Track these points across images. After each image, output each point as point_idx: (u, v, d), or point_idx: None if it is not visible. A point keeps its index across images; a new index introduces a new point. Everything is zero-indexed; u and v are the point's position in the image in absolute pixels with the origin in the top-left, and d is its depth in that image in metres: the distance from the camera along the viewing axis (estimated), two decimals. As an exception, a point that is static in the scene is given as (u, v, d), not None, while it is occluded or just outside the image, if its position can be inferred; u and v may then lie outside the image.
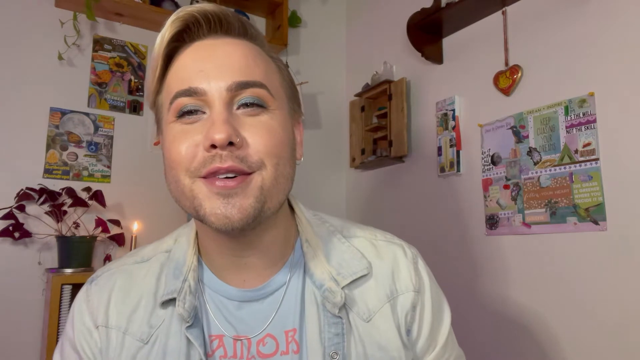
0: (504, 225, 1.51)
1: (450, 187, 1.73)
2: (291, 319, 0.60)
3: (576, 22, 1.36)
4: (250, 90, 0.54)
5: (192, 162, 0.52)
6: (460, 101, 1.71)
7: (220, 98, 0.53)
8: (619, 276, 1.22)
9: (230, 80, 0.53)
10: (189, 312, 0.57)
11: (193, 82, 0.53)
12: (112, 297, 0.61)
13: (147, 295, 0.61)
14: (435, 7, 1.68)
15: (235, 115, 0.53)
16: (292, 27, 2.24)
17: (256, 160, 0.52)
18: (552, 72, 1.41)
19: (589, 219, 1.28)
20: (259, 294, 0.60)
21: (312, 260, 0.62)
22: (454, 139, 1.69)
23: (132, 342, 0.58)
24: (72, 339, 0.62)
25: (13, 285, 1.57)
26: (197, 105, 0.53)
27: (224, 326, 0.59)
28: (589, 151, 1.29)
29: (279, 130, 0.55)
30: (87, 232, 1.64)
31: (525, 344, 1.41)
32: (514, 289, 1.46)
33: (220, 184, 0.51)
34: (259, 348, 0.58)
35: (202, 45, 0.56)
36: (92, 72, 1.81)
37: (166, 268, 0.62)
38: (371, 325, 0.60)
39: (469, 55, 1.69)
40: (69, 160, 1.72)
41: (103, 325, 0.60)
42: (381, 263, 0.64)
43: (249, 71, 0.54)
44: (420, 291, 0.64)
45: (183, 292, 0.58)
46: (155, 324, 0.59)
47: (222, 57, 0.55)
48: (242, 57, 0.55)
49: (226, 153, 0.51)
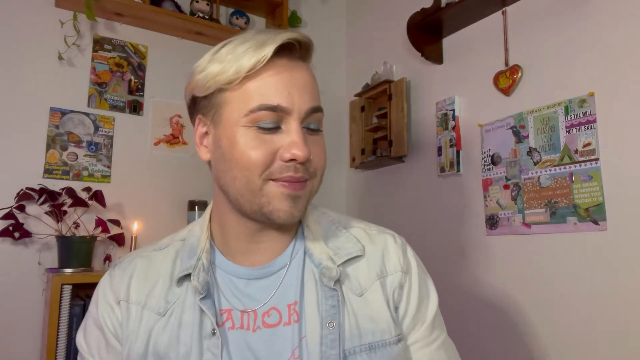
0: (504, 225, 1.51)
1: (450, 187, 1.73)
2: (292, 293, 0.68)
3: (576, 22, 1.36)
4: (316, 115, 0.65)
5: (269, 167, 0.61)
6: (460, 101, 1.71)
7: (299, 119, 0.63)
8: (619, 276, 1.21)
9: (309, 105, 0.64)
10: (202, 286, 0.65)
11: (281, 101, 0.62)
12: (133, 278, 0.70)
13: (164, 276, 0.69)
14: (435, 7, 1.68)
15: (305, 134, 0.64)
16: (292, 27, 2.24)
17: (313, 171, 0.65)
18: (552, 72, 1.41)
19: (589, 219, 1.28)
20: (265, 272, 0.69)
21: (311, 243, 0.71)
22: (454, 139, 1.69)
23: (150, 316, 0.66)
24: (95, 317, 0.70)
25: (13, 285, 1.57)
26: (276, 122, 0.62)
27: (232, 301, 0.67)
28: (589, 151, 1.29)
29: (325, 148, 0.68)
30: (87, 232, 1.64)
31: (525, 344, 1.41)
32: (514, 289, 1.46)
33: (291, 188, 0.62)
34: (264, 319, 0.66)
35: (283, 66, 0.63)
36: (92, 72, 1.81)
37: (181, 252, 0.71)
38: (363, 300, 0.68)
39: (469, 55, 1.69)
40: (69, 160, 1.72)
41: (124, 300, 0.68)
42: (373, 247, 0.73)
43: (317, 97, 0.66)
44: (407, 272, 0.72)
45: (197, 268, 0.67)
46: (171, 299, 0.67)
47: (302, 82, 0.64)
48: (313, 84, 0.66)
49: (297, 167, 0.62)
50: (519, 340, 1.43)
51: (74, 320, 1.43)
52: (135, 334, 0.66)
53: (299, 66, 0.65)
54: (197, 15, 1.94)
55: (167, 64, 1.96)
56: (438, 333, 0.73)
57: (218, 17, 2.04)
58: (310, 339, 0.64)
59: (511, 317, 1.46)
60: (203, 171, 1.97)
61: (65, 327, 1.40)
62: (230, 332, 0.66)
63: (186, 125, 1.98)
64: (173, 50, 1.98)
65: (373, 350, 0.66)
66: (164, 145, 1.92)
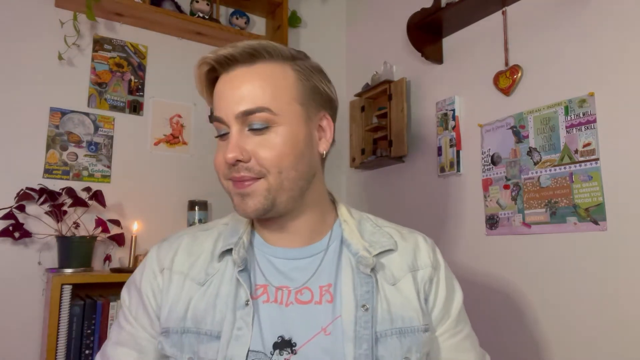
0: (504, 225, 1.51)
1: (450, 187, 1.73)
2: (326, 276, 0.74)
3: (576, 22, 1.36)
4: (255, 115, 0.68)
5: (223, 171, 0.72)
6: (460, 101, 1.71)
7: (234, 124, 0.70)
8: (619, 276, 1.21)
9: (237, 110, 0.69)
10: (241, 260, 0.73)
11: (217, 111, 0.72)
12: (178, 250, 0.78)
13: (206, 252, 0.77)
14: (435, 7, 1.68)
15: (246, 134, 0.70)
16: (292, 27, 2.24)
17: (259, 170, 0.68)
18: (552, 72, 1.40)
19: (589, 219, 1.28)
20: (302, 253, 0.76)
21: (348, 234, 0.78)
22: (454, 139, 1.69)
23: (191, 285, 0.74)
24: (138, 283, 0.78)
25: (13, 285, 1.57)
26: (223, 129, 0.72)
27: (269, 278, 0.74)
28: (589, 151, 1.29)
29: (280, 144, 0.69)
30: (87, 232, 1.64)
31: (525, 344, 1.41)
32: (513, 289, 1.46)
33: (238, 186, 0.70)
34: (297, 296, 0.72)
35: (228, 77, 0.71)
36: (92, 72, 1.81)
37: (224, 233, 0.79)
38: (395, 289, 0.75)
39: (469, 55, 1.69)
40: (69, 160, 1.72)
41: (168, 269, 0.76)
42: (405, 244, 0.80)
43: (254, 99, 0.69)
44: (436, 268, 0.80)
45: (238, 245, 0.74)
46: (211, 272, 0.74)
47: (234, 90, 0.70)
48: (249, 87, 0.69)
49: (237, 167, 0.69)
50: (519, 340, 1.42)
51: (74, 320, 1.43)
52: (176, 299, 0.73)
53: (242, 73, 0.70)
54: (197, 15, 1.94)
55: (167, 64, 1.96)
56: (463, 326, 0.82)
57: (218, 17, 2.04)
58: (345, 318, 0.70)
59: (511, 317, 1.46)
60: (203, 171, 1.98)
61: (65, 327, 1.40)
62: (264, 305, 0.72)
63: (186, 125, 1.98)
64: (173, 50, 1.98)
65: (403, 334, 0.72)
66: (164, 145, 1.92)
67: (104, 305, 1.49)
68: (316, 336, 0.69)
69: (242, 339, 0.68)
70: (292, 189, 0.71)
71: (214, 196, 1.94)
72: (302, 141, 0.72)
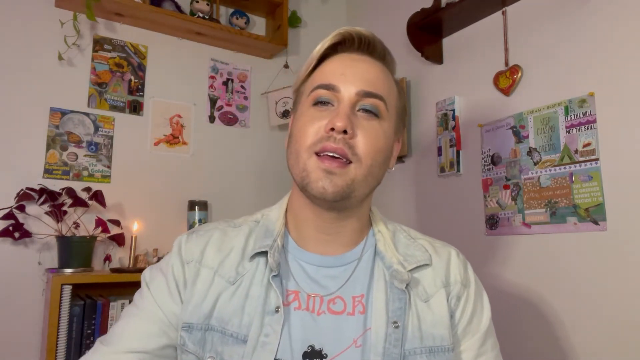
0: (504, 225, 1.51)
1: (450, 187, 1.73)
2: (359, 286, 0.72)
3: (576, 22, 1.36)
4: (371, 99, 0.70)
5: (313, 140, 0.68)
6: (460, 101, 1.71)
7: (349, 98, 0.69)
8: (619, 276, 1.21)
9: (360, 88, 0.69)
10: (276, 264, 0.70)
11: (334, 80, 0.70)
12: (208, 245, 0.75)
13: (236, 249, 0.74)
14: (435, 7, 1.68)
15: (355, 114, 0.69)
16: (292, 27, 2.24)
17: (358, 153, 0.67)
18: (552, 72, 1.40)
19: (589, 219, 1.28)
20: (336, 262, 0.74)
21: (382, 245, 0.76)
22: (454, 139, 1.69)
23: (220, 282, 0.71)
24: (164, 268, 0.75)
25: (13, 285, 1.57)
26: (329, 98, 0.70)
27: (301, 284, 0.72)
28: (589, 151, 1.29)
29: (382, 137, 0.70)
30: (87, 232, 1.64)
31: (524, 344, 1.41)
32: (513, 289, 1.46)
33: (327, 163, 0.66)
34: (329, 305, 0.70)
35: (349, 57, 0.73)
36: (92, 72, 1.81)
37: (255, 232, 0.77)
38: (427, 306, 0.72)
39: (469, 55, 1.69)
40: (69, 160, 1.72)
41: (197, 262, 0.73)
42: (438, 258, 0.78)
43: (376, 85, 0.70)
44: (466, 286, 0.77)
45: (273, 248, 0.72)
46: (241, 272, 0.72)
47: (360, 69, 0.71)
48: (373, 74, 0.71)
49: (340, 137, 0.66)
50: (518, 340, 1.43)
51: (74, 320, 1.43)
52: (203, 294, 0.70)
53: (364, 59, 0.72)
54: (197, 15, 1.94)
55: (167, 64, 1.96)
56: (489, 347, 0.78)
57: (218, 17, 2.04)
58: (375, 333, 0.68)
59: (511, 318, 1.46)
60: (203, 171, 1.98)
61: (65, 327, 1.40)
62: (295, 312, 0.69)
63: (186, 125, 1.98)
64: (173, 50, 1.98)
65: (432, 353, 0.69)
66: (164, 145, 1.92)
67: (104, 305, 1.49)
68: (348, 349, 0.68)
69: (268, 346, 0.66)
70: (369, 186, 0.71)
71: (214, 196, 1.94)
72: (390, 147, 0.74)
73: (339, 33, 0.73)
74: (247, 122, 2.14)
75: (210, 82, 2.06)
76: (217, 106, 2.07)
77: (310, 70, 0.75)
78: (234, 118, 2.11)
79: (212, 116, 2.05)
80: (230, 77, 2.12)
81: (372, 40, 0.73)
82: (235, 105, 2.12)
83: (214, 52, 2.08)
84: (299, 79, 0.77)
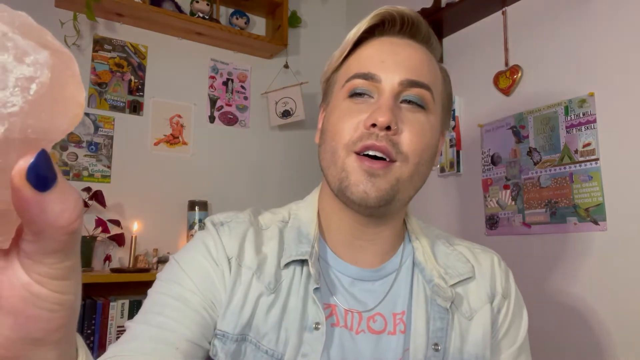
0: (504, 225, 1.51)
1: (450, 187, 1.73)
2: (400, 302, 0.65)
3: (576, 22, 1.36)
4: (417, 89, 0.60)
5: (351, 137, 0.59)
6: (460, 101, 1.71)
7: (391, 88, 0.60)
8: (618, 276, 1.21)
9: (403, 76, 0.60)
10: (318, 275, 0.61)
11: (372, 69, 0.61)
12: (245, 242, 0.64)
13: (271, 254, 0.64)
14: (435, 7, 1.68)
15: (398, 107, 0.60)
16: (292, 27, 2.24)
17: (403, 150, 0.58)
18: (552, 72, 1.41)
19: (589, 219, 1.28)
20: (374, 275, 0.65)
21: (421, 255, 0.68)
22: (454, 139, 1.69)
23: (259, 287, 0.61)
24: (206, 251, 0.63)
25: (13, 285, 1.57)
26: (368, 90, 0.61)
27: (337, 297, 0.63)
28: (589, 151, 1.29)
29: (430, 132, 0.61)
30: (87, 232, 1.64)
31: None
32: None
33: (368, 164, 0.58)
34: (369, 323, 0.63)
35: (389, 41, 0.63)
36: (92, 72, 1.81)
37: (286, 235, 0.66)
38: (471, 324, 0.65)
39: (469, 55, 1.69)
40: (69, 160, 1.72)
41: (237, 259, 0.62)
42: (480, 268, 0.71)
43: (421, 73, 0.61)
44: (507, 297, 0.71)
45: (313, 257, 0.62)
46: (278, 279, 0.62)
47: (402, 56, 0.61)
48: (418, 60, 0.62)
49: (383, 134, 0.57)
50: (519, 340, 1.42)
51: (74, 320, 1.43)
52: (242, 300, 0.60)
53: (407, 43, 0.63)
54: (197, 15, 1.95)
55: (167, 64, 1.96)
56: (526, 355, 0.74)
57: (218, 17, 2.04)
58: (414, 356, 0.61)
59: (511, 317, 1.46)
60: (203, 171, 1.98)
61: (65, 327, 1.40)
62: (334, 329, 0.62)
63: (186, 125, 1.98)
64: (173, 50, 1.98)
65: None
66: (164, 145, 1.92)
67: (104, 305, 1.49)
68: None
69: None
70: (414, 188, 0.62)
71: (214, 196, 1.94)
72: (437, 142, 0.65)
73: (378, 14, 0.63)
74: (247, 122, 2.14)
75: (210, 82, 2.06)
76: (217, 106, 2.07)
77: (344, 57, 0.65)
78: (234, 118, 2.11)
79: (212, 116, 2.05)
80: (230, 77, 2.12)
81: (417, 22, 0.64)
82: (235, 106, 2.12)
83: (214, 52, 2.08)
84: (330, 66, 0.68)
